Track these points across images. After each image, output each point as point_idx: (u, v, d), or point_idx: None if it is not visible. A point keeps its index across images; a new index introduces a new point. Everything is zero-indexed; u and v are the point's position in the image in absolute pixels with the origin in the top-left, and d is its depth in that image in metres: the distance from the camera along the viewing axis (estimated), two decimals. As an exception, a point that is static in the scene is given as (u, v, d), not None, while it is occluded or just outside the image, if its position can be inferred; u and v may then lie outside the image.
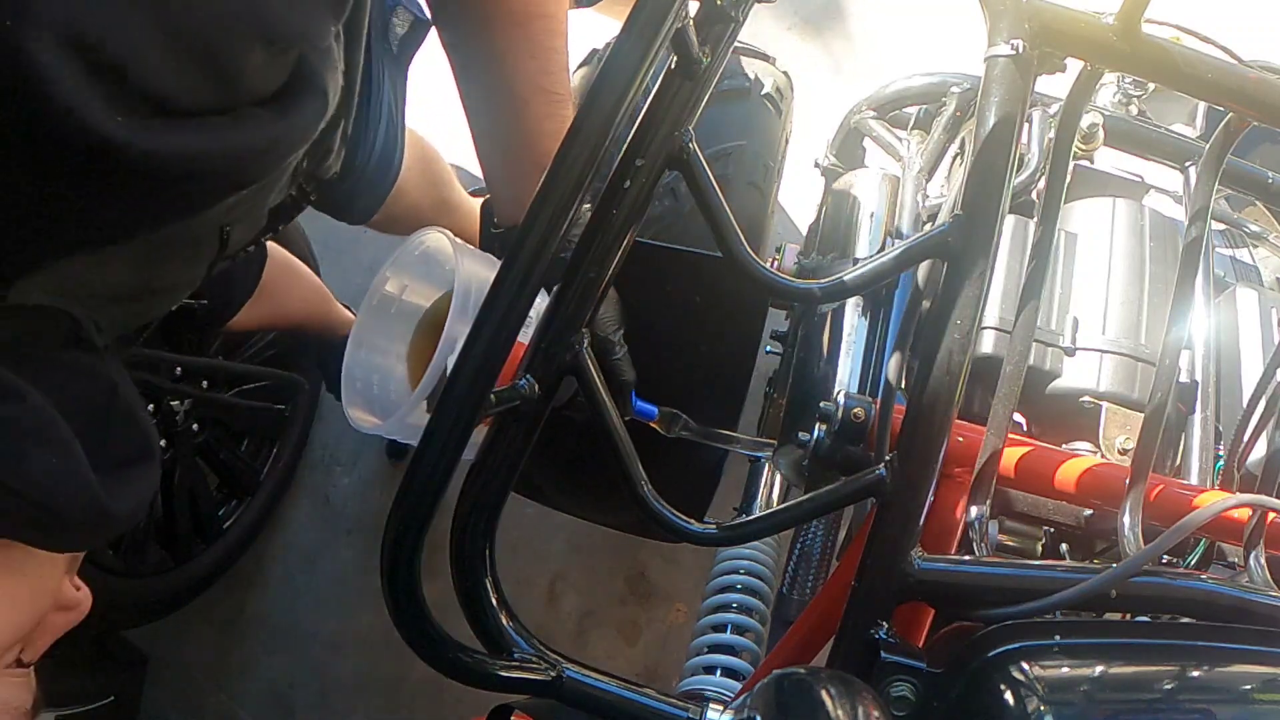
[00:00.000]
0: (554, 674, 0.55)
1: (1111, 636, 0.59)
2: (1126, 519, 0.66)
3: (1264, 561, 0.67)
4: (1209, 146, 0.72)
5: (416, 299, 0.92)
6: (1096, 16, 0.63)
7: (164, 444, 1.47)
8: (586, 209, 0.58)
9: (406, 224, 1.27)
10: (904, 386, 0.73)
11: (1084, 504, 0.81)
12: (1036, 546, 0.90)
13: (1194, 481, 0.89)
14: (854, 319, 0.99)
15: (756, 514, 1.08)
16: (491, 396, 0.53)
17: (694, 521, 0.61)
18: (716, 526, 0.62)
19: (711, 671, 0.97)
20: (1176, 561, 0.82)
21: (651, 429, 0.90)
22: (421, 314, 0.92)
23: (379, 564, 0.53)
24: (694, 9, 0.57)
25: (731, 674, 0.96)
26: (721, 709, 0.55)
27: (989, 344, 0.91)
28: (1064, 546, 0.90)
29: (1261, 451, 0.79)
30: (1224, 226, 1.22)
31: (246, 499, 1.70)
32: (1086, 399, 0.91)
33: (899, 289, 0.98)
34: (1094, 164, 1.16)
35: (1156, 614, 0.62)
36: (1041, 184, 1.04)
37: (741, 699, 0.55)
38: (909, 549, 0.58)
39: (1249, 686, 0.57)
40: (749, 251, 0.61)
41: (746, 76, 1.23)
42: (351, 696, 1.71)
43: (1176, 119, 1.35)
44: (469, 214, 1.42)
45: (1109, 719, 0.53)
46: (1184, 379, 0.93)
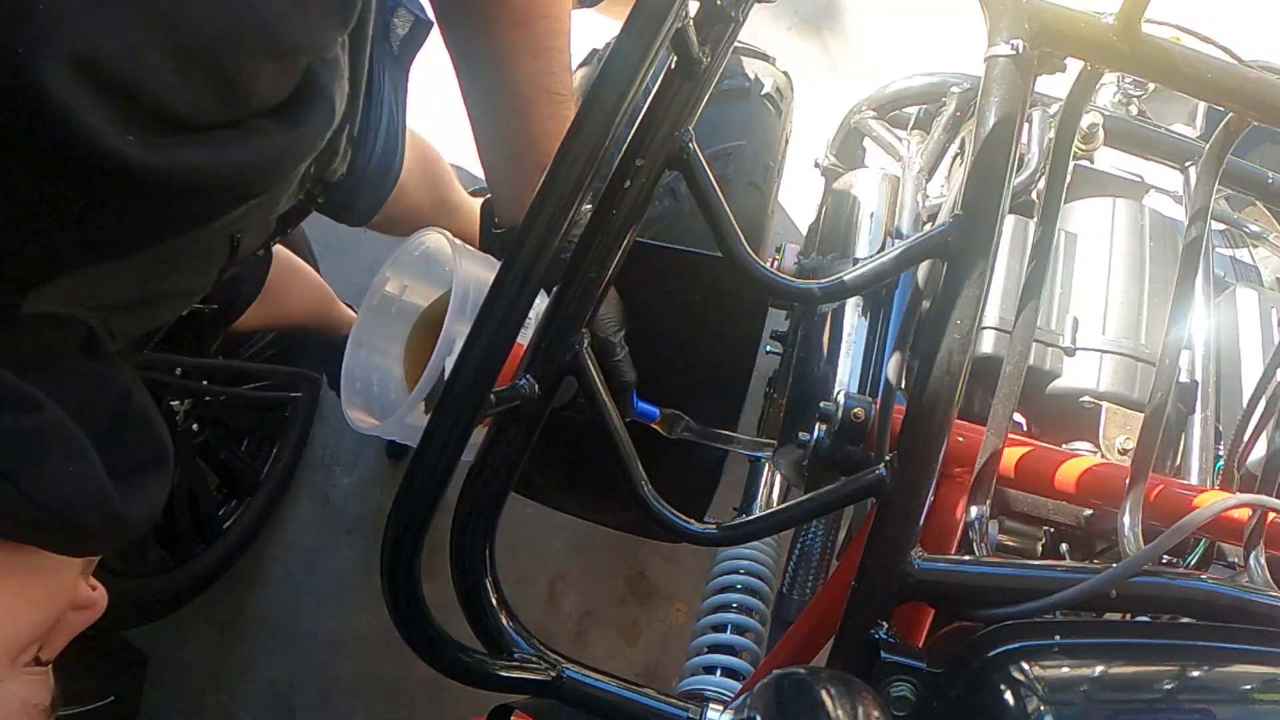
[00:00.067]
0: (554, 674, 0.55)
1: (1111, 636, 0.59)
2: (1126, 519, 0.66)
3: (1264, 561, 0.67)
4: (1209, 146, 0.72)
5: (417, 299, 0.92)
6: (1096, 16, 0.63)
7: (164, 444, 1.47)
8: (587, 209, 0.58)
9: (407, 225, 1.27)
10: (904, 386, 0.73)
11: (1084, 504, 0.81)
12: (1036, 546, 0.90)
13: (1194, 481, 0.89)
14: (854, 319, 0.99)
15: (756, 514, 1.08)
16: (491, 396, 0.53)
17: (694, 521, 0.61)
18: (716, 526, 0.62)
19: (711, 671, 0.97)
20: (1176, 561, 0.82)
21: (651, 429, 0.90)
22: (420, 316, 0.92)
23: (379, 564, 0.53)
24: (694, 9, 0.57)
25: (731, 674, 0.96)
26: (721, 709, 0.55)
27: (989, 344, 0.92)
28: (1064, 546, 0.90)
29: (1261, 451, 0.79)
30: (1224, 226, 1.22)
31: (246, 499, 1.70)
32: (1086, 399, 0.91)
33: (899, 289, 0.98)
34: (1094, 164, 1.16)
35: (1156, 614, 0.62)
36: (1041, 184, 1.04)
37: (741, 699, 0.55)
38: (909, 549, 0.58)
39: (1249, 686, 0.57)
40: (749, 251, 0.61)
41: (746, 76, 1.23)
42: (351, 696, 1.71)
43: (1176, 119, 1.35)
44: (469, 214, 1.42)
45: (1109, 719, 0.53)
46: (1184, 379, 0.93)
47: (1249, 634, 0.57)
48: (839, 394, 0.71)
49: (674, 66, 0.57)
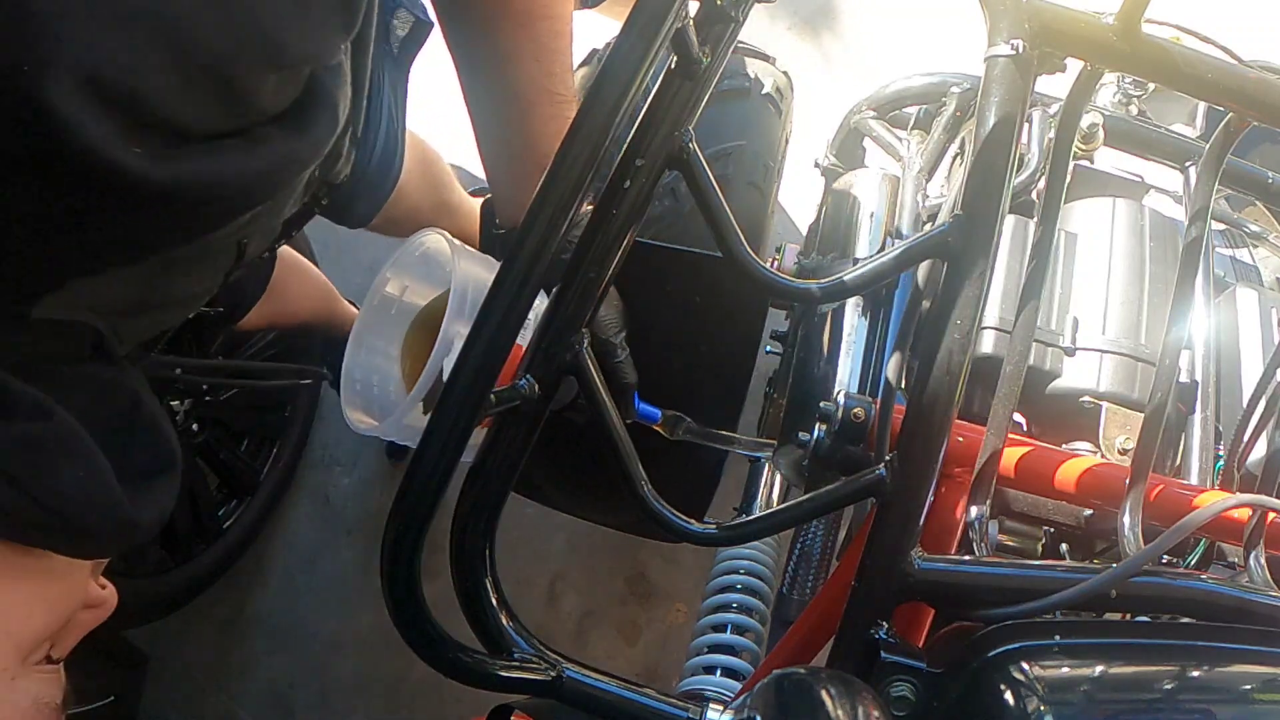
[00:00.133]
0: (554, 674, 0.55)
1: (1111, 636, 0.59)
2: (1126, 519, 0.66)
3: (1264, 561, 0.67)
4: (1209, 146, 0.72)
5: (417, 300, 0.92)
6: (1096, 16, 0.63)
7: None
8: (587, 209, 0.59)
9: (407, 226, 1.26)
10: (904, 386, 0.73)
11: (1084, 504, 0.81)
12: (1036, 546, 0.90)
13: (1194, 481, 0.89)
14: (854, 319, 0.99)
15: (756, 514, 1.08)
16: (491, 396, 0.53)
17: (694, 521, 0.61)
18: (716, 526, 0.62)
19: (711, 671, 0.97)
20: (1176, 561, 0.82)
21: (651, 429, 0.90)
22: (420, 316, 0.92)
23: (379, 564, 0.54)
24: (694, 9, 0.57)
25: (731, 674, 0.96)
26: (721, 709, 0.55)
27: (989, 344, 0.91)
28: (1064, 546, 0.90)
29: (1261, 451, 0.79)
30: (1224, 226, 1.22)
31: (246, 499, 1.70)
32: (1086, 399, 0.91)
33: (899, 289, 0.98)
34: (1094, 164, 1.16)
35: (1156, 614, 0.62)
36: (1041, 184, 1.04)
37: (741, 699, 0.55)
38: (909, 549, 0.58)
39: (1249, 686, 0.57)
40: (749, 251, 0.61)
41: (746, 76, 1.23)
42: (351, 696, 1.71)
43: (1176, 119, 1.35)
44: (469, 215, 1.42)
45: (1109, 719, 0.53)
46: (1184, 379, 0.93)
47: (1249, 634, 0.58)
48: (839, 394, 0.71)
49: (674, 66, 0.57)
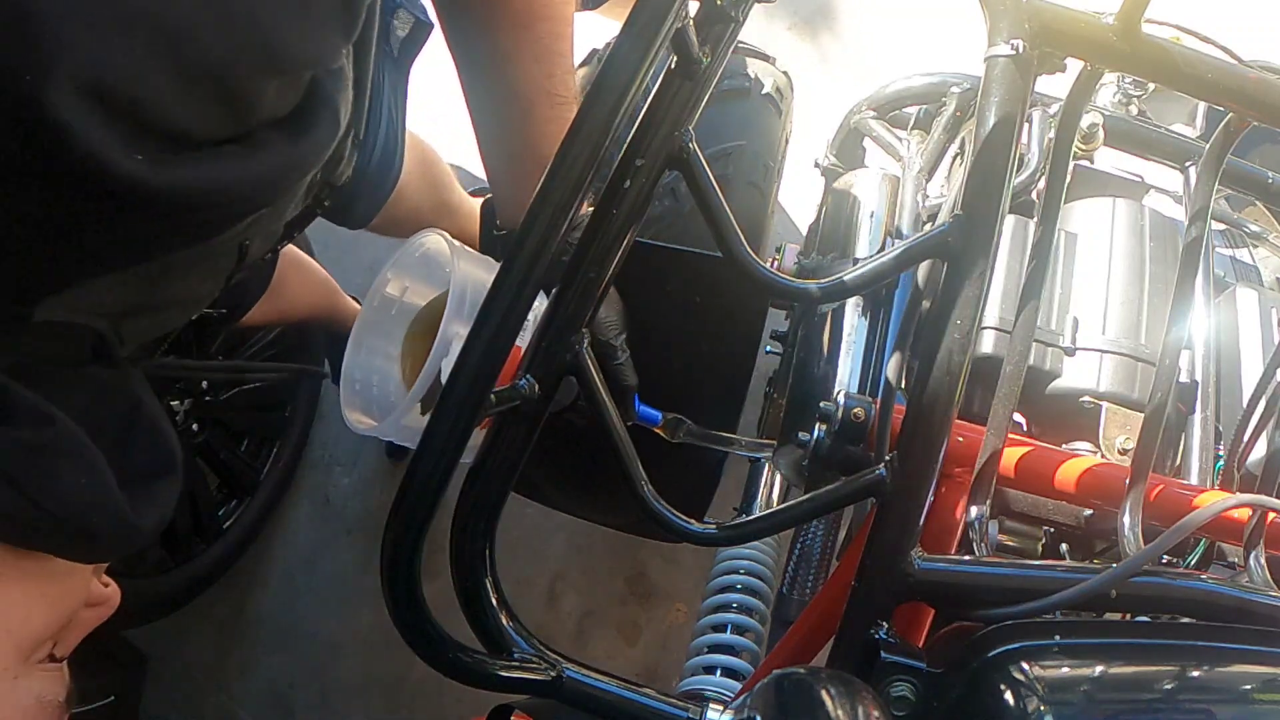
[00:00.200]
0: (554, 674, 0.55)
1: (1111, 636, 0.59)
2: (1126, 519, 0.66)
3: (1264, 561, 0.67)
4: (1209, 146, 0.72)
5: (417, 301, 0.92)
6: (1096, 16, 0.63)
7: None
8: (586, 211, 0.59)
9: (407, 226, 1.26)
10: (904, 386, 0.73)
11: (1084, 504, 0.81)
12: (1036, 546, 0.90)
13: (1194, 481, 0.88)
14: (854, 319, 0.99)
15: (756, 514, 1.07)
16: (491, 396, 0.53)
17: (694, 521, 0.61)
18: (716, 526, 0.62)
19: (711, 671, 0.97)
20: (1176, 561, 0.82)
21: (651, 430, 0.90)
22: (420, 317, 0.92)
23: (379, 564, 0.54)
24: (694, 9, 0.57)
25: (731, 674, 0.96)
26: (721, 709, 0.55)
27: (989, 344, 0.91)
28: (1064, 546, 0.89)
29: (1261, 451, 0.79)
30: (1224, 226, 1.22)
31: (246, 499, 1.70)
32: (1086, 399, 0.91)
33: (899, 289, 0.98)
34: (1094, 164, 1.16)
35: (1156, 614, 0.62)
36: (1041, 184, 1.04)
37: (741, 699, 0.55)
38: (909, 549, 0.58)
39: (1249, 686, 0.57)
40: (749, 251, 0.61)
41: (746, 76, 1.23)
42: (351, 696, 1.71)
43: (1176, 119, 1.35)
44: (469, 216, 1.42)
45: (1109, 719, 0.53)
46: (1184, 379, 0.93)
47: (1249, 634, 0.58)
48: (839, 394, 0.71)
49: (674, 66, 0.57)
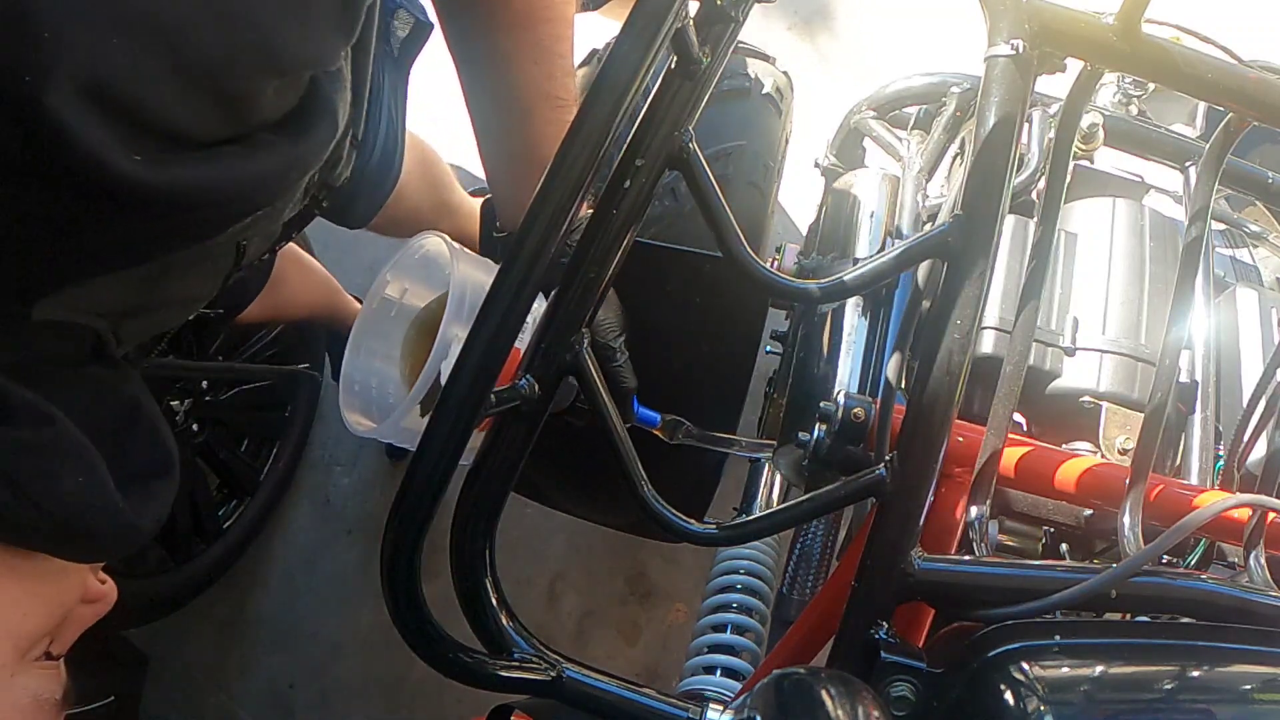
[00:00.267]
0: (554, 674, 0.55)
1: (1111, 636, 0.59)
2: (1126, 519, 0.66)
3: (1264, 561, 0.67)
4: (1209, 146, 0.72)
5: (416, 303, 0.92)
6: (1096, 16, 0.63)
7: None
8: (586, 213, 0.58)
9: (407, 226, 1.26)
10: (904, 386, 0.73)
11: (1084, 504, 0.81)
12: (1036, 546, 0.90)
13: (1194, 481, 0.88)
14: (854, 319, 0.99)
15: (756, 514, 1.07)
16: (491, 396, 0.53)
17: (694, 522, 0.61)
18: (716, 526, 0.62)
19: (711, 671, 0.97)
20: (1176, 561, 0.82)
21: (651, 430, 0.90)
22: (419, 318, 0.92)
23: (379, 564, 0.54)
24: (694, 9, 0.57)
25: (731, 674, 0.96)
26: (721, 709, 0.55)
27: (989, 344, 0.91)
28: (1064, 546, 0.90)
29: (1261, 451, 0.79)
30: (1224, 226, 1.22)
31: (246, 499, 1.70)
32: (1086, 399, 0.91)
33: (899, 289, 0.98)
34: (1094, 164, 1.16)
35: (1156, 614, 0.62)
36: (1041, 184, 1.04)
37: (741, 699, 0.55)
38: (909, 549, 0.58)
39: (1249, 686, 0.57)
40: (749, 251, 0.61)
41: (746, 76, 1.23)
42: (351, 696, 1.71)
43: (1176, 119, 1.35)
44: (469, 216, 1.42)
45: (1109, 719, 0.53)
46: (1184, 379, 0.93)
47: (1249, 634, 0.58)
48: (839, 394, 0.71)
49: (674, 66, 0.57)
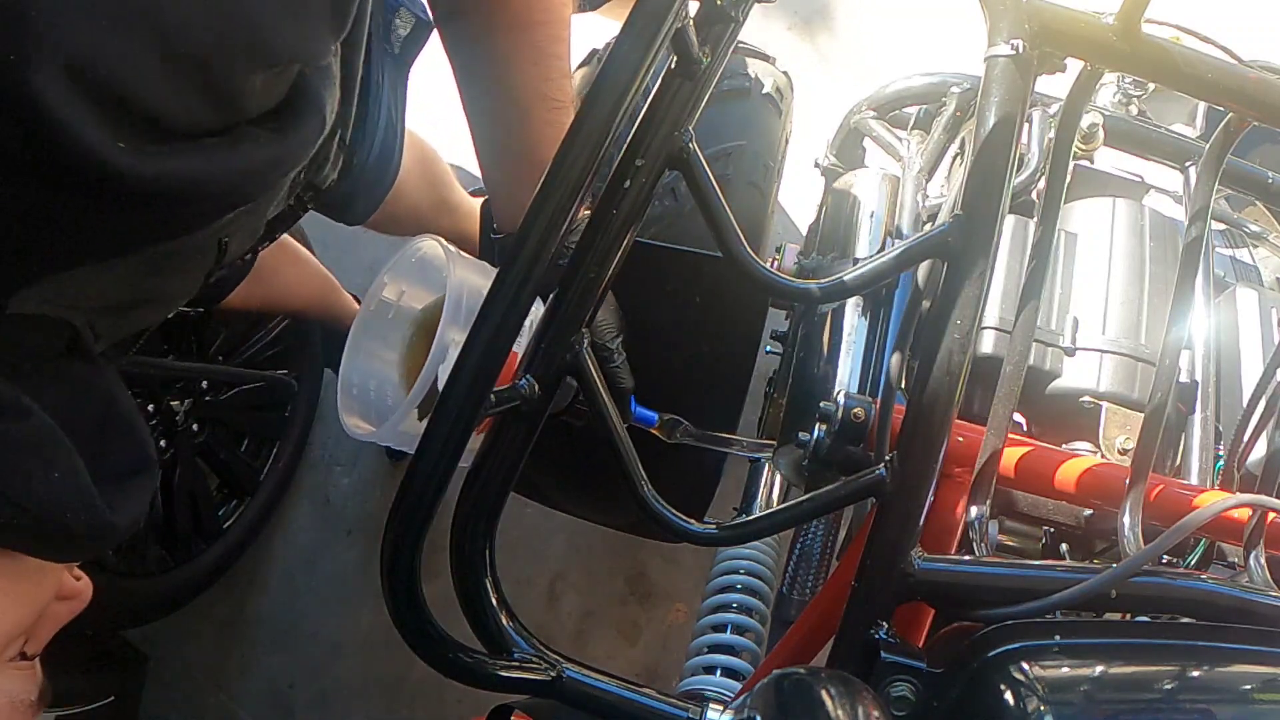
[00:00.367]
0: (554, 674, 0.55)
1: (1111, 636, 0.59)
2: (1126, 519, 0.66)
3: (1264, 561, 0.67)
4: (1209, 146, 0.72)
5: (414, 305, 0.92)
6: (1096, 16, 0.63)
7: (164, 444, 1.47)
8: (584, 215, 0.58)
9: (406, 225, 1.26)
10: (904, 386, 0.73)
11: (1084, 504, 0.81)
12: (1036, 546, 0.90)
13: (1194, 481, 0.88)
14: (854, 319, 0.99)
15: (756, 514, 1.08)
16: (491, 396, 0.53)
17: (694, 522, 0.61)
18: (716, 526, 0.62)
19: (711, 671, 0.97)
20: (1176, 561, 0.82)
21: (651, 431, 0.90)
22: (418, 320, 0.92)
23: (379, 564, 0.54)
24: (694, 9, 0.57)
25: (731, 674, 0.96)
26: (721, 709, 0.55)
27: (989, 344, 0.91)
28: (1064, 546, 0.89)
29: (1261, 451, 0.79)
30: (1224, 226, 1.22)
31: (246, 499, 1.70)
32: (1086, 399, 0.91)
33: (899, 289, 0.98)
34: (1094, 164, 1.16)
35: (1156, 614, 0.62)
36: (1041, 184, 1.04)
37: (741, 699, 0.55)
38: (909, 549, 0.58)
39: (1249, 686, 0.57)
40: (749, 251, 0.61)
41: (746, 76, 1.23)
42: (351, 696, 1.71)
43: (1176, 119, 1.35)
44: (469, 214, 1.42)
45: (1109, 719, 0.53)
46: (1184, 379, 0.93)
47: (1249, 634, 0.58)
48: (839, 394, 0.71)
49: (674, 66, 0.57)
